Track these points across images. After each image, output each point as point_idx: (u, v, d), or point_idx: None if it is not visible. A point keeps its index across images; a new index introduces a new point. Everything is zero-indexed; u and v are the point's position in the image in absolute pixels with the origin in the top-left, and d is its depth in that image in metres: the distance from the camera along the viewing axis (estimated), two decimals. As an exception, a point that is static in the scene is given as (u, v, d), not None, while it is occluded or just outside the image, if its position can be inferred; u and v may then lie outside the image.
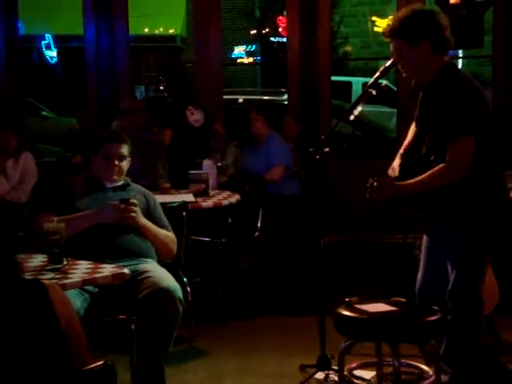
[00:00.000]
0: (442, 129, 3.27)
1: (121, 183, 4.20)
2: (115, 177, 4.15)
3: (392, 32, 3.37)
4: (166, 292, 3.69)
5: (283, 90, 9.65)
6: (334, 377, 3.95)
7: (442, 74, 3.33)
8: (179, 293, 3.75)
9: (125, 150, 4.17)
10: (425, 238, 3.55)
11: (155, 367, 3.69)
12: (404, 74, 3.45)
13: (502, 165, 3.48)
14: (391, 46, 3.43)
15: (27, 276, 2.55)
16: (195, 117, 6.45)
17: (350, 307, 3.34)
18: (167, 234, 4.17)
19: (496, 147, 3.39)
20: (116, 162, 4.12)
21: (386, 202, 3.41)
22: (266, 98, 11.28)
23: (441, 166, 3.27)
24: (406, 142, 3.54)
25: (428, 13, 3.38)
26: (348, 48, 19.21)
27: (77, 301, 3.56)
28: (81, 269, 3.35)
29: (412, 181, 3.34)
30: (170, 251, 4.18)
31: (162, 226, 4.18)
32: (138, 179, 5.29)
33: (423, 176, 3.31)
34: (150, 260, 4.01)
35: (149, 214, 4.20)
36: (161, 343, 3.69)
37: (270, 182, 6.02)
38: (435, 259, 3.47)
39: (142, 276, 3.79)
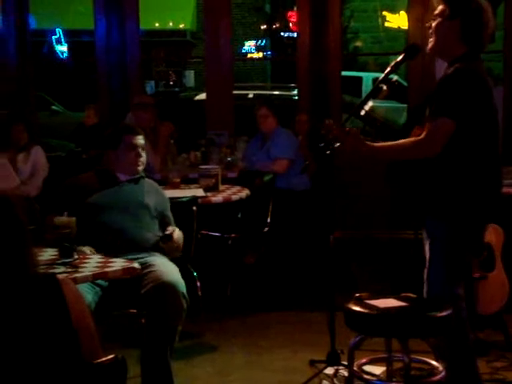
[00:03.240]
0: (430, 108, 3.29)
1: (136, 176, 4.22)
2: (140, 167, 4.19)
3: None
4: (169, 286, 3.67)
5: (293, 85, 9.65)
6: (343, 372, 3.95)
7: (456, 61, 3.31)
8: (182, 287, 3.73)
9: (143, 140, 4.22)
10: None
11: (161, 362, 3.68)
12: (429, 45, 3.40)
13: (501, 161, 3.45)
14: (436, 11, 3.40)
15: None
16: None
17: (360, 302, 3.34)
18: (181, 236, 4.21)
19: (490, 141, 3.33)
20: (141, 152, 4.16)
21: (351, 154, 3.38)
22: (276, 93, 11.27)
23: (416, 137, 3.29)
24: None
25: (479, 4, 3.31)
26: (358, 43, 19.18)
27: (88, 295, 3.57)
28: (91, 263, 3.36)
29: (384, 144, 3.38)
30: (179, 250, 4.21)
31: (170, 223, 4.22)
32: (149, 174, 5.32)
33: (396, 142, 3.34)
34: (158, 254, 4.02)
35: (161, 212, 4.21)
36: (165, 338, 3.67)
37: (273, 173, 6.03)
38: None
39: (146, 270, 3.78)
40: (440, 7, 3.39)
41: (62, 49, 17.91)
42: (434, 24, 3.38)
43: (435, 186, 3.34)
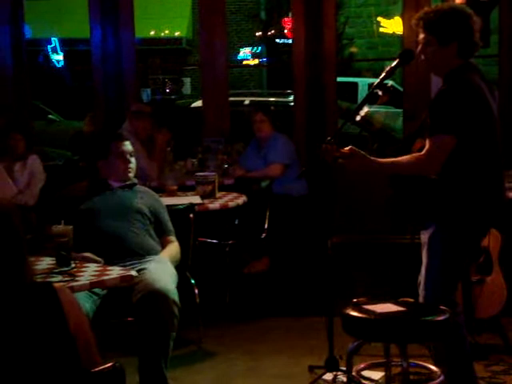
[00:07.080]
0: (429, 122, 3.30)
1: (128, 182, 4.24)
2: (131, 174, 4.21)
3: (425, 25, 3.35)
4: (159, 294, 3.65)
5: (289, 91, 9.65)
6: (342, 378, 3.95)
7: (451, 74, 3.33)
8: (173, 294, 3.70)
9: (131, 146, 4.24)
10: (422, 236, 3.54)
11: (156, 370, 3.65)
12: (423, 63, 3.44)
13: (503, 165, 3.46)
14: (419, 37, 3.41)
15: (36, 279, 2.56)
16: None
17: (357, 308, 3.34)
18: (176, 251, 4.19)
19: (491, 149, 3.35)
20: (130, 159, 4.18)
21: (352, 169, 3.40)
22: (272, 99, 11.27)
23: (418, 154, 3.31)
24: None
25: (464, 15, 3.33)
26: (354, 49, 19.21)
27: (86, 303, 3.57)
28: (88, 271, 3.36)
29: (385, 159, 3.39)
30: (177, 261, 4.21)
31: (168, 231, 4.23)
32: (146, 181, 5.33)
33: (398, 158, 3.35)
34: (155, 257, 4.01)
35: (156, 217, 4.22)
36: (158, 346, 3.64)
37: (268, 178, 6.03)
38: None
39: (138, 279, 3.71)
40: (422, 35, 3.38)
41: (58, 58, 17.93)
42: (429, 50, 3.36)
43: (437, 192, 3.35)
